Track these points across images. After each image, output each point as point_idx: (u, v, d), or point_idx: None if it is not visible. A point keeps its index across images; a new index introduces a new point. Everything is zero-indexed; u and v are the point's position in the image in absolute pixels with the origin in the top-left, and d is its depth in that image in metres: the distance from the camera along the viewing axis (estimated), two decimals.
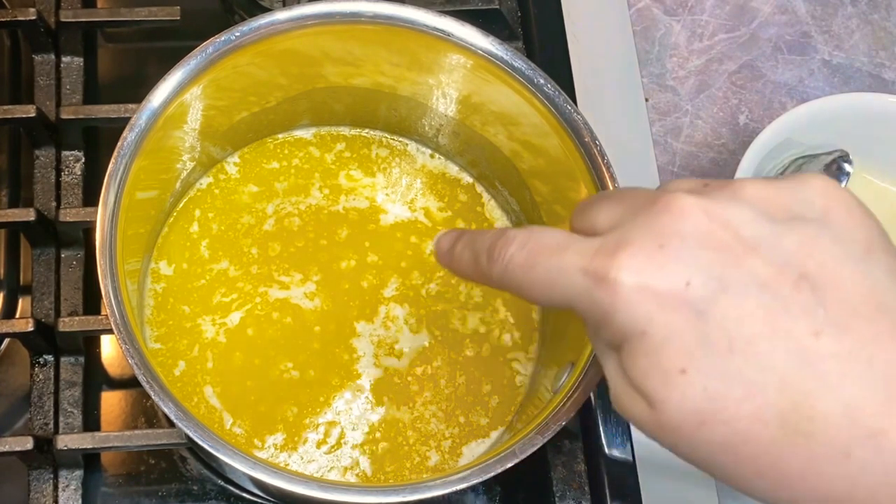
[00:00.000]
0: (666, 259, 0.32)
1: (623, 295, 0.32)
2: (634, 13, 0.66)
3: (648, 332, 0.32)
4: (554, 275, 0.34)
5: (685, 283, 0.31)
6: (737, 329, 0.31)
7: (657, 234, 0.32)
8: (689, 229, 0.32)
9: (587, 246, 0.34)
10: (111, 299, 0.44)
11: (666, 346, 0.31)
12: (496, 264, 0.36)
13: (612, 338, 0.33)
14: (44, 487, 0.51)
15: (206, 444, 0.42)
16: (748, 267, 0.31)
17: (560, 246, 0.34)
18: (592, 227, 0.35)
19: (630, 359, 0.33)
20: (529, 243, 0.35)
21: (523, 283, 0.36)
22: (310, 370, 0.52)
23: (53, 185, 0.56)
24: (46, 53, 0.58)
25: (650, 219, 0.33)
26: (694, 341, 0.31)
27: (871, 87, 0.65)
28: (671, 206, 0.33)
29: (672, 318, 0.31)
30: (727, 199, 0.33)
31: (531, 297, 0.36)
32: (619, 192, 0.36)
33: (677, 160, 0.63)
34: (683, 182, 0.35)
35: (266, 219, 0.55)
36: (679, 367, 0.31)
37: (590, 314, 0.33)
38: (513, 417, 0.53)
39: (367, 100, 0.55)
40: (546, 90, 0.49)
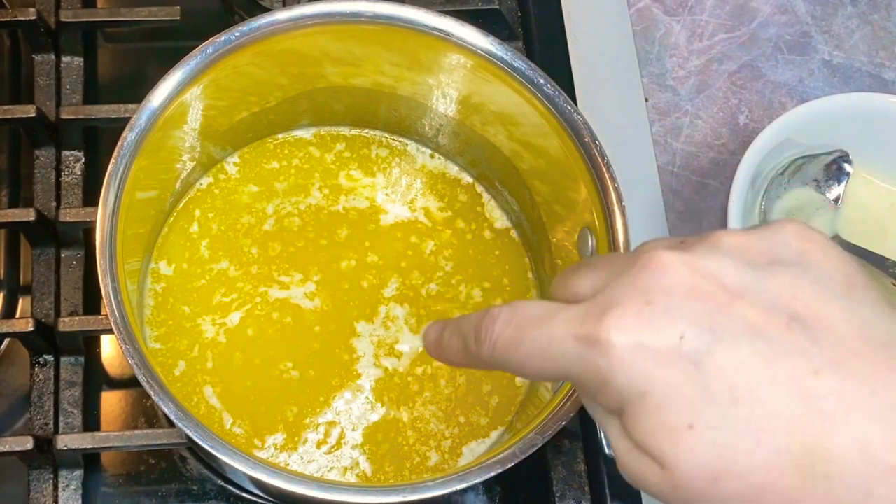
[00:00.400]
0: (655, 315, 0.32)
1: (618, 356, 0.31)
2: (634, 13, 0.66)
3: (650, 391, 0.31)
4: (544, 346, 0.34)
5: (678, 336, 0.31)
6: (736, 377, 0.31)
7: (642, 292, 0.32)
8: (673, 283, 0.32)
9: (574, 313, 0.33)
10: (111, 299, 0.44)
11: (669, 402, 0.31)
12: (484, 345, 0.36)
13: (612, 402, 0.33)
14: (44, 487, 0.51)
15: (206, 444, 0.42)
16: (737, 314, 0.31)
17: (546, 316, 0.34)
18: (575, 294, 0.35)
19: (633, 420, 0.32)
20: (515, 318, 0.35)
21: (514, 359, 0.35)
22: (310, 370, 0.52)
23: (53, 185, 0.56)
24: (46, 53, 0.58)
25: (632, 278, 0.33)
26: (696, 395, 0.31)
27: (871, 87, 0.65)
28: (651, 263, 0.33)
29: (671, 373, 0.31)
30: (706, 250, 0.33)
31: (525, 373, 0.36)
32: (598, 259, 0.36)
33: (677, 160, 0.63)
34: (659, 241, 0.35)
35: (266, 219, 0.55)
36: (686, 422, 0.31)
37: (587, 381, 0.33)
38: (513, 417, 0.53)
39: (367, 100, 0.55)
40: (546, 90, 0.49)
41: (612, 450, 0.34)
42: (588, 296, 0.34)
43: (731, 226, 0.53)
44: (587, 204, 0.49)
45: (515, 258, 0.56)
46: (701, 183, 0.62)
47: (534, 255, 0.56)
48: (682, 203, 0.62)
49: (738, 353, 0.31)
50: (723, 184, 0.62)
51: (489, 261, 0.56)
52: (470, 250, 0.56)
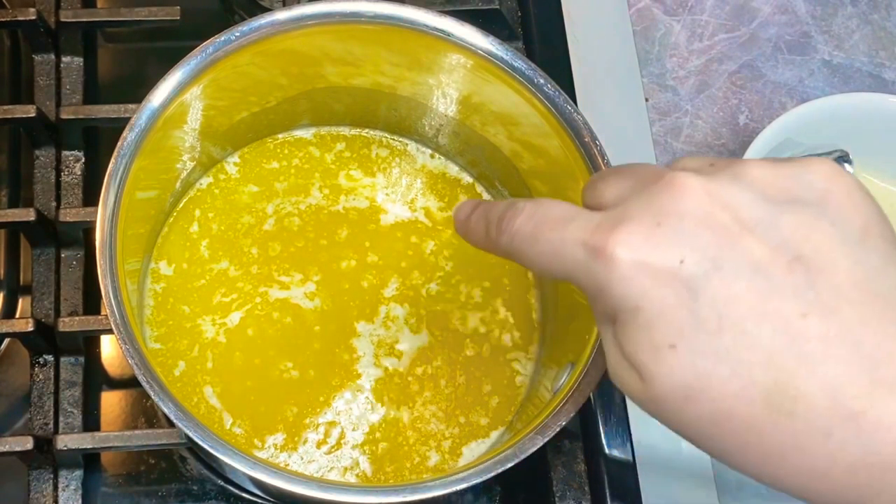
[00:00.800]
0: (662, 237, 0.32)
1: (619, 269, 0.33)
2: (634, 13, 0.66)
3: (641, 307, 0.32)
4: (556, 247, 0.35)
5: (679, 260, 0.32)
6: (727, 308, 0.32)
7: (656, 212, 0.33)
8: (689, 208, 0.33)
9: (589, 220, 0.34)
10: (111, 299, 0.44)
11: (658, 321, 0.32)
12: (504, 235, 0.37)
13: (607, 310, 0.34)
14: (44, 487, 0.51)
15: (206, 444, 0.42)
16: (743, 248, 0.32)
17: (565, 219, 0.35)
18: (599, 201, 0.36)
19: (623, 332, 0.33)
20: (536, 215, 0.36)
21: (528, 254, 0.36)
22: (310, 370, 0.52)
23: (53, 185, 0.56)
24: (46, 53, 0.58)
25: (651, 196, 0.34)
26: (685, 318, 0.32)
27: (871, 87, 0.65)
28: (673, 185, 0.33)
29: (665, 294, 0.32)
30: (729, 179, 0.33)
31: (534, 268, 0.37)
32: (630, 168, 0.37)
33: None
34: (690, 160, 0.36)
35: (266, 219, 0.55)
36: (669, 342, 0.32)
37: (588, 286, 0.34)
38: (513, 417, 0.53)
39: (367, 100, 0.55)
40: (546, 90, 0.49)
41: (605, 351, 0.36)
42: (610, 204, 0.35)
43: None
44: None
45: None
46: None
47: None
48: None
49: (734, 286, 0.32)
50: None
51: (489, 261, 0.56)
52: (470, 250, 0.55)
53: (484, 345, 0.54)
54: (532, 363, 0.54)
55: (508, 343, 0.54)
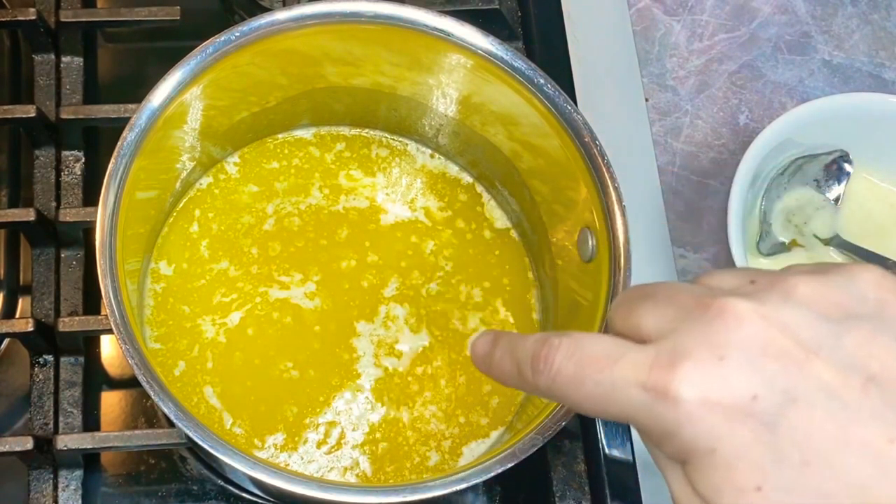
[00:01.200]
0: (728, 371, 0.31)
1: (687, 411, 0.31)
2: (634, 13, 0.66)
3: (717, 449, 0.31)
4: (607, 389, 0.33)
5: (751, 396, 0.30)
6: (809, 441, 0.30)
7: (715, 345, 0.31)
8: (748, 338, 0.31)
9: (640, 358, 0.32)
10: (111, 299, 0.44)
11: (737, 462, 0.31)
12: (542, 377, 0.35)
13: (677, 453, 0.32)
14: (44, 487, 0.51)
15: (206, 444, 0.42)
16: (813, 374, 0.31)
17: (610, 357, 0.33)
18: (637, 331, 0.34)
19: (699, 474, 0.32)
20: (576, 354, 0.34)
21: (574, 397, 0.34)
22: (310, 370, 0.52)
23: (53, 185, 0.56)
24: (46, 53, 0.58)
25: (704, 327, 0.32)
26: (766, 456, 0.30)
27: (871, 87, 0.65)
28: (725, 313, 0.32)
29: (741, 432, 0.30)
30: (781, 300, 0.32)
31: (584, 412, 0.35)
32: (661, 291, 0.35)
33: (677, 160, 0.63)
34: (727, 277, 0.34)
35: (266, 219, 0.55)
36: (754, 484, 0.30)
37: (651, 429, 0.32)
38: (513, 417, 0.53)
39: (367, 100, 0.55)
40: (546, 90, 0.49)
41: (672, 493, 0.34)
42: (653, 335, 0.33)
43: (730, 226, 0.53)
44: (587, 204, 0.49)
45: (515, 258, 0.56)
46: (701, 183, 0.62)
47: (534, 255, 0.56)
48: (682, 203, 0.62)
49: (812, 416, 0.30)
50: (723, 184, 0.62)
51: (489, 261, 0.56)
52: (470, 250, 0.56)
53: None
54: None
55: None
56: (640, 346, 0.33)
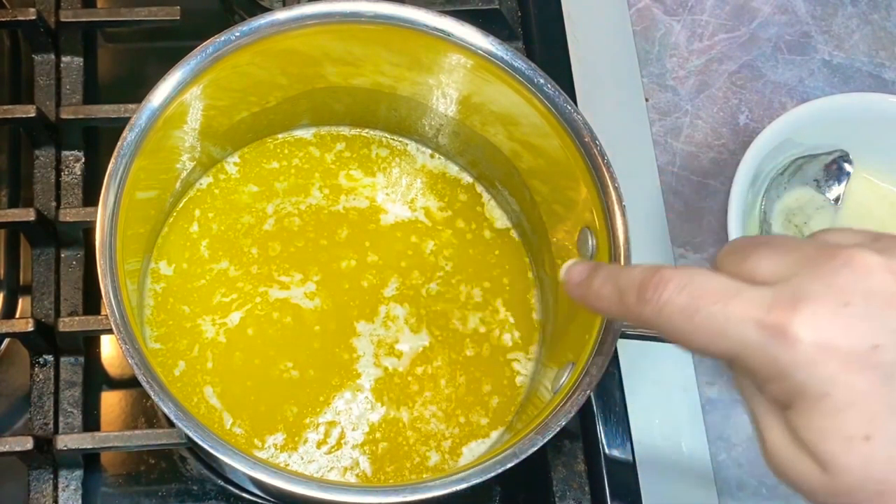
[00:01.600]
0: (852, 318, 0.31)
1: (805, 352, 0.31)
2: (634, 13, 0.66)
3: (831, 394, 0.30)
4: (720, 322, 0.32)
5: (873, 345, 0.30)
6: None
7: (841, 291, 0.31)
8: (875, 289, 0.31)
9: (759, 296, 0.32)
10: (111, 299, 0.44)
11: (849, 410, 0.30)
12: (649, 305, 0.34)
13: (783, 395, 0.32)
14: (44, 487, 0.51)
15: (206, 444, 0.42)
16: None
17: (726, 292, 0.32)
18: (752, 274, 0.33)
19: (804, 419, 0.31)
20: (690, 286, 0.33)
21: (682, 328, 0.33)
22: (310, 370, 0.52)
23: (53, 185, 0.56)
24: (46, 53, 0.58)
25: (831, 273, 0.31)
26: (880, 407, 0.30)
27: (871, 87, 0.65)
28: (853, 262, 0.31)
29: (857, 380, 0.30)
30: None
31: (689, 344, 0.34)
32: (780, 240, 0.35)
33: (677, 160, 0.63)
34: (847, 234, 0.34)
35: (266, 219, 0.55)
36: (864, 432, 0.30)
37: (760, 368, 0.32)
38: (513, 417, 0.53)
39: (367, 100, 0.55)
40: (546, 90, 0.49)
41: (765, 439, 0.33)
42: (770, 279, 0.32)
43: (730, 226, 0.53)
44: (587, 204, 0.49)
45: (515, 258, 0.56)
46: (701, 183, 0.62)
47: (534, 255, 0.56)
48: (682, 203, 0.62)
49: None
50: (723, 184, 0.62)
51: (489, 261, 0.56)
52: (470, 250, 0.56)
53: (484, 345, 0.54)
54: (532, 363, 0.54)
55: (508, 343, 0.54)
56: (759, 287, 0.32)
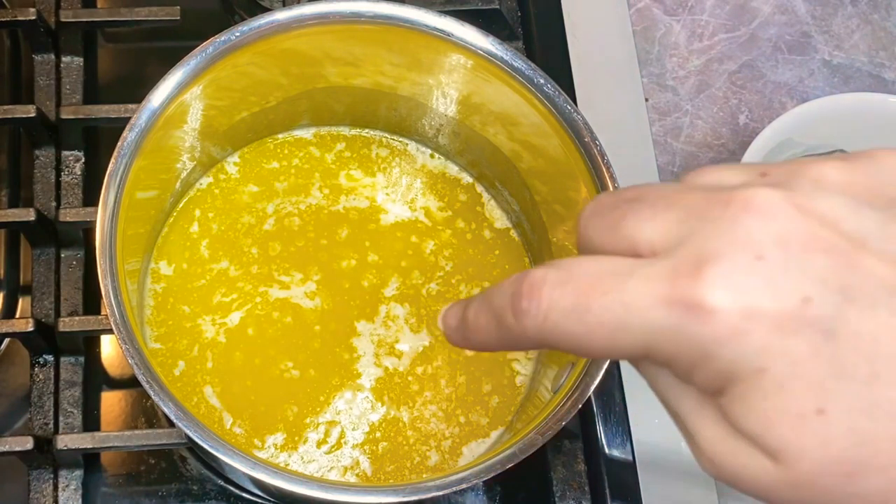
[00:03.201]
0: (771, 272, 0.25)
1: (727, 323, 0.25)
2: (634, 13, 0.66)
3: (768, 368, 0.25)
4: (619, 315, 0.27)
5: (802, 299, 0.25)
6: (876, 348, 0.25)
7: (748, 243, 0.26)
8: (787, 231, 0.26)
9: (656, 270, 0.26)
10: (111, 299, 0.44)
11: (793, 381, 0.25)
12: (528, 318, 0.28)
13: (711, 380, 0.26)
14: (44, 487, 0.51)
15: (206, 444, 0.42)
16: (867, 269, 0.25)
17: (616, 274, 0.27)
18: (633, 243, 0.28)
19: (742, 404, 0.26)
20: (570, 282, 0.28)
21: (573, 335, 0.28)
22: (310, 370, 0.52)
23: (53, 185, 0.56)
24: (46, 53, 0.58)
25: (730, 224, 0.26)
26: (827, 371, 0.25)
27: (871, 87, 0.65)
28: (752, 205, 0.26)
29: (795, 345, 0.25)
30: (812, 188, 0.27)
31: (587, 350, 0.28)
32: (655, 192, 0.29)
33: (677, 160, 0.63)
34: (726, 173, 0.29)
35: (266, 218, 0.55)
36: (816, 406, 0.25)
37: (678, 356, 0.27)
38: (513, 417, 0.53)
39: (367, 100, 0.55)
40: (546, 90, 0.49)
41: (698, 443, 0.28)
42: (660, 246, 0.27)
43: None
44: (587, 204, 0.49)
45: (515, 258, 0.56)
46: None
47: (534, 255, 0.56)
48: None
49: (876, 318, 0.25)
50: None
51: (489, 261, 0.56)
52: (470, 250, 0.56)
53: None
54: (532, 363, 0.54)
55: None
56: (650, 260, 0.27)
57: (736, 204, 0.26)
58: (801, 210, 0.26)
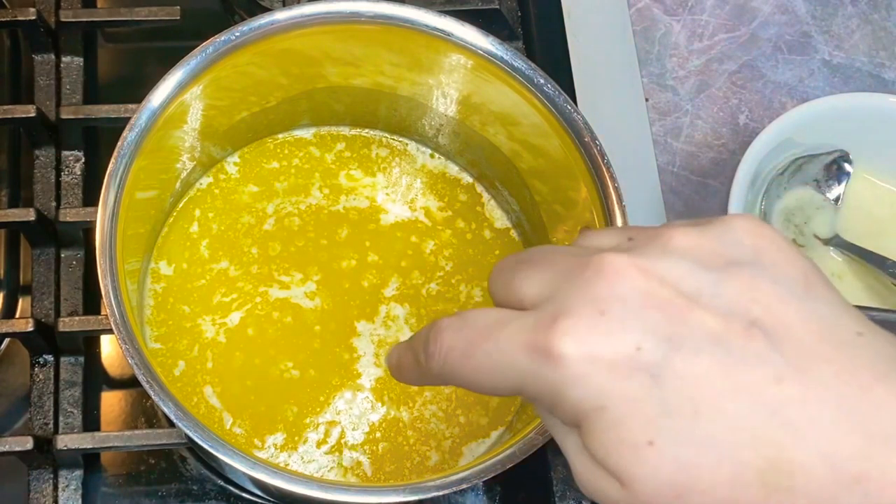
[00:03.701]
0: (610, 325, 0.30)
1: (572, 369, 0.30)
2: (634, 13, 0.66)
3: (606, 406, 0.30)
4: (495, 358, 0.32)
5: (635, 347, 0.30)
6: (697, 389, 0.29)
7: (595, 300, 0.30)
8: (627, 291, 0.30)
9: (524, 321, 0.31)
10: (111, 299, 0.44)
11: (627, 418, 0.30)
12: (433, 359, 0.33)
13: (568, 416, 0.31)
14: (44, 487, 0.51)
15: (206, 444, 0.42)
16: (696, 322, 0.30)
17: (498, 324, 0.32)
18: (519, 300, 0.33)
19: (591, 436, 0.31)
20: (464, 329, 0.33)
21: (465, 374, 0.33)
22: (310, 370, 0.52)
23: (53, 185, 0.56)
24: (46, 53, 0.58)
25: (584, 284, 0.31)
26: (656, 409, 0.29)
27: (871, 87, 0.65)
28: (604, 269, 0.31)
29: (628, 386, 0.30)
30: (659, 253, 0.31)
31: (477, 388, 0.33)
32: (539, 255, 0.34)
33: (677, 160, 0.63)
34: (604, 236, 0.34)
35: (266, 218, 0.55)
36: (646, 438, 0.29)
37: (539, 395, 0.31)
38: (513, 417, 0.53)
39: (367, 100, 0.55)
40: (546, 90, 0.49)
41: (572, 467, 0.33)
42: (535, 300, 0.32)
43: None
44: (587, 204, 0.49)
45: None
46: (701, 183, 0.62)
47: None
48: (682, 203, 0.62)
49: (698, 364, 0.29)
50: (723, 184, 0.62)
51: (489, 261, 0.56)
52: (470, 250, 0.56)
53: None
54: None
55: None
56: (526, 312, 0.32)
57: (591, 267, 0.31)
58: (642, 272, 0.31)
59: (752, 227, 0.32)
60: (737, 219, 0.32)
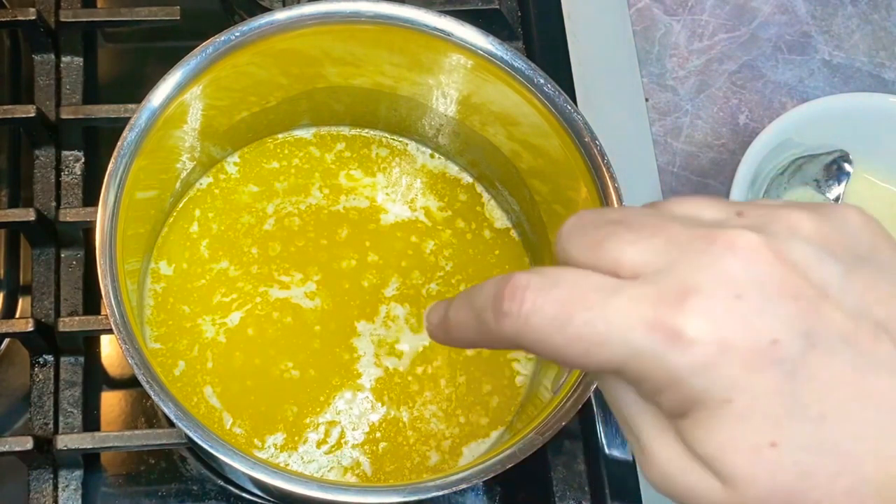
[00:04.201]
0: (747, 311, 0.27)
1: (703, 355, 0.27)
2: (634, 13, 0.66)
3: (733, 399, 0.27)
4: (599, 330, 0.28)
5: (772, 339, 0.27)
6: (829, 391, 0.27)
7: (730, 281, 0.27)
8: (765, 275, 0.27)
9: (641, 292, 0.28)
10: (111, 299, 0.44)
11: (754, 415, 0.27)
12: (508, 319, 0.29)
13: (676, 404, 0.28)
14: (44, 487, 0.51)
15: (206, 444, 0.42)
16: (828, 318, 0.27)
17: (602, 293, 0.28)
18: (616, 263, 0.29)
19: (702, 430, 0.28)
20: (555, 290, 0.29)
21: (553, 342, 0.29)
22: (310, 370, 0.52)
23: (53, 185, 0.56)
24: (46, 53, 0.58)
25: (713, 259, 0.28)
26: (783, 408, 0.27)
27: (871, 87, 0.65)
28: (736, 246, 0.28)
29: (760, 381, 0.27)
30: (788, 234, 0.29)
31: (563, 359, 0.29)
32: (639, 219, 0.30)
33: (677, 160, 0.63)
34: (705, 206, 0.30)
35: (266, 218, 0.55)
36: (769, 439, 0.27)
37: (648, 377, 0.28)
38: (513, 417, 0.53)
39: (367, 100, 0.55)
40: (546, 90, 0.49)
41: (646, 453, 0.29)
42: (642, 270, 0.28)
43: None
44: (587, 204, 0.49)
45: (515, 258, 0.56)
46: (701, 183, 0.62)
47: (534, 255, 0.56)
48: None
49: (832, 364, 0.27)
50: (723, 184, 0.62)
51: (489, 261, 0.56)
52: (470, 250, 0.56)
53: None
54: (532, 363, 0.54)
55: None
56: (635, 281, 0.28)
57: (721, 242, 0.28)
58: (778, 256, 0.28)
59: (869, 224, 0.31)
60: (852, 211, 0.30)
